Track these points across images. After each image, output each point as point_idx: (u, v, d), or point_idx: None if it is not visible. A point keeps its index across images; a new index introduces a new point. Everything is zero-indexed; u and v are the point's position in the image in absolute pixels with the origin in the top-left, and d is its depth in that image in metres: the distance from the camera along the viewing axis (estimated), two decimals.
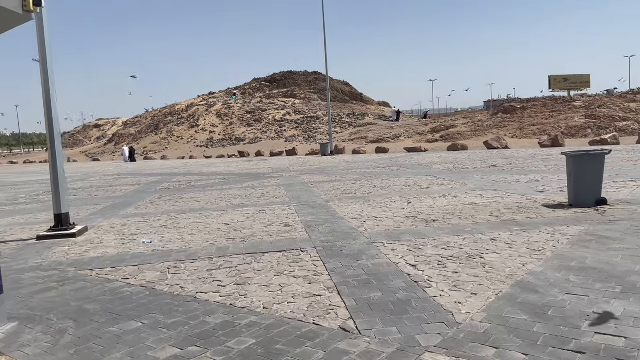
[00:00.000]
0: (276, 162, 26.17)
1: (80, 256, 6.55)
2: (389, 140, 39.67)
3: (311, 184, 14.04)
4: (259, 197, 11.62)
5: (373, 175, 15.37)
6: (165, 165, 30.39)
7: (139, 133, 65.25)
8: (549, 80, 66.33)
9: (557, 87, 64.93)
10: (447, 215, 7.85)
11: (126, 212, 10.63)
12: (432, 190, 11.09)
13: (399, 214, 8.23)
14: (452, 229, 6.80)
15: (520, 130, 36.22)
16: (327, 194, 11.60)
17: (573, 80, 67.34)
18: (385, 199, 10.17)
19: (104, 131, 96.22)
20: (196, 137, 53.65)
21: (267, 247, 6.35)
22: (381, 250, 5.84)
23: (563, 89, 64.74)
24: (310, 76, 75.87)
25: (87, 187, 17.56)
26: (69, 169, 33.80)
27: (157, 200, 12.26)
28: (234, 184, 15.25)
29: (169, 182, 17.67)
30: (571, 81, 67.51)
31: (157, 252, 6.48)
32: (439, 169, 16.48)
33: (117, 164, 37.40)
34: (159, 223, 8.84)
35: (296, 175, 16.99)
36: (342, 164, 21.77)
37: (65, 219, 8.12)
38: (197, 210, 10.18)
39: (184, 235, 7.51)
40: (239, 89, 73.90)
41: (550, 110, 39.70)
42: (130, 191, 15.11)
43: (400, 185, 12.40)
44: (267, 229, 7.65)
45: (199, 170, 22.86)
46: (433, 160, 20.20)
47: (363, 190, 11.86)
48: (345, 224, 7.60)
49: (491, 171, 14.57)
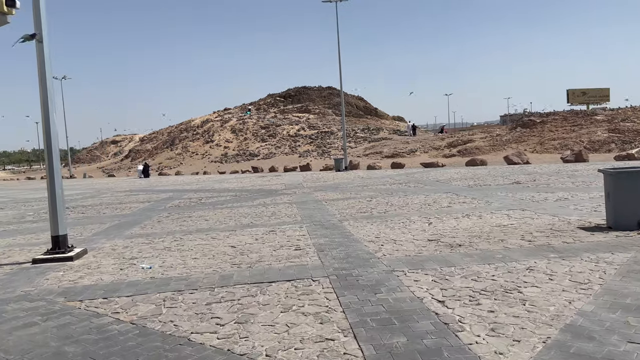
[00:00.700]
0: (289, 177, 25.65)
1: (73, 283, 6.01)
2: (404, 155, 38.97)
3: (325, 201, 13.44)
4: (270, 216, 11.04)
5: (389, 192, 14.71)
6: (178, 181, 30.07)
7: (155, 149, 65.50)
8: (567, 94, 65.19)
9: (576, 101, 63.79)
10: (474, 239, 7.16)
11: (131, 232, 10.12)
12: (454, 209, 10.40)
13: (420, 237, 7.56)
14: (480, 256, 6.12)
15: (541, 145, 35.29)
16: (342, 212, 10.98)
17: (592, 94, 66.16)
18: (404, 218, 9.51)
19: (121, 147, 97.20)
20: (211, 152, 53.55)
21: (275, 275, 5.74)
22: (402, 280, 5.19)
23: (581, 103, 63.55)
24: (325, 91, 75.71)
25: (97, 204, 17.18)
26: (82, 184, 33.73)
27: (165, 219, 11.75)
28: (245, 202, 14.71)
29: (179, 199, 17.21)
30: (590, 95, 66.35)
31: (155, 280, 5.91)
32: (458, 185, 15.75)
33: (131, 179, 37.26)
34: (162, 245, 8.29)
35: (309, 192, 16.41)
36: (357, 179, 21.15)
37: (63, 241, 7.62)
38: (204, 230, 9.63)
39: (187, 260, 6.94)
40: (254, 105, 73.99)
41: (571, 124, 38.70)
42: (139, 209, 14.66)
43: (418, 203, 11.73)
44: (276, 252, 7.05)
45: (211, 187, 22.42)
46: (452, 176, 19.46)
47: (379, 208, 11.21)
48: (361, 248, 6.96)
49: (515, 188, 13.81)
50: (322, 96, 73.88)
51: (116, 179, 42.16)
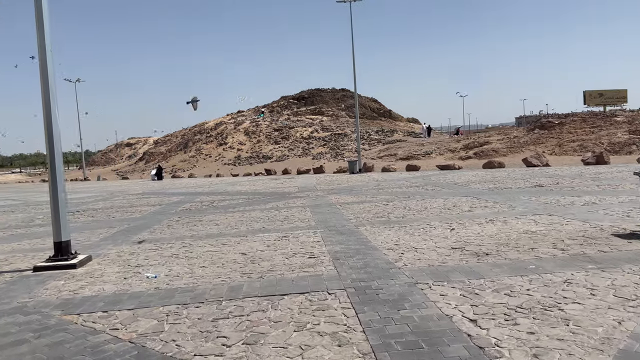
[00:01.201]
0: (303, 180, 25.24)
1: (72, 294, 5.65)
2: (419, 157, 38.36)
3: (339, 205, 12.99)
4: (283, 220, 10.62)
5: (406, 196, 14.21)
6: (191, 183, 29.84)
7: (169, 151, 65.66)
8: (584, 96, 64.01)
9: (592, 102, 62.60)
10: (501, 247, 6.66)
11: (139, 237, 9.77)
12: (476, 213, 9.88)
13: (443, 244, 7.08)
14: (511, 266, 5.62)
15: (559, 147, 34.47)
16: (357, 217, 10.52)
17: (609, 96, 64.91)
18: (423, 223, 9.02)
19: (135, 150, 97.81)
20: (224, 155, 53.42)
21: (288, 287, 5.30)
22: (427, 295, 4.72)
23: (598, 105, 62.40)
24: (338, 93, 75.30)
25: (108, 207, 16.94)
26: (96, 187, 33.69)
27: (175, 224, 11.40)
28: (257, 205, 14.32)
29: (191, 202, 16.90)
30: (607, 96, 65.11)
31: (160, 291, 5.52)
32: (478, 188, 15.19)
33: (144, 182, 37.17)
34: (170, 251, 7.92)
35: (323, 195, 15.98)
36: (372, 182, 20.66)
37: (66, 248, 7.28)
38: (214, 235, 9.24)
39: (194, 268, 6.55)
40: (267, 107, 73.84)
41: (590, 125, 37.80)
42: (149, 212, 14.36)
43: (438, 207, 11.22)
44: (289, 261, 6.62)
45: (224, 189, 22.11)
46: (470, 179, 18.88)
47: (397, 213, 10.73)
48: (379, 256, 6.50)
49: (538, 191, 13.23)
50: (336, 98, 73.49)
51: (129, 181, 42.16)
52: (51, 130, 7.18)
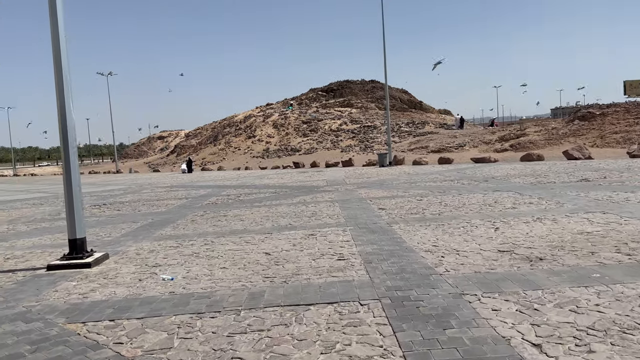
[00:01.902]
0: (331, 173, 24.63)
1: (82, 298, 5.20)
2: (452, 149, 37.20)
3: (370, 200, 12.33)
4: (310, 217, 10.05)
5: (441, 190, 13.43)
6: (220, 176, 29.63)
7: (199, 144, 66.04)
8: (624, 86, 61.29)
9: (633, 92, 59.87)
10: (555, 250, 5.90)
11: (161, 232, 9.37)
12: (521, 211, 9.07)
13: (487, 246, 6.36)
14: (571, 274, 4.88)
15: (601, 139, 32.82)
16: (389, 213, 9.85)
17: None
18: (463, 221, 8.29)
19: (167, 143, 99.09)
20: (252, 147, 53.26)
21: (314, 295, 4.72)
22: (477, 309, 4.06)
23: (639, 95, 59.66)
24: (368, 85, 74.15)
25: (135, 200, 16.73)
26: (127, 179, 33.91)
27: (199, 219, 10.97)
28: (284, 199, 13.80)
29: (217, 195, 16.53)
30: None
31: (175, 296, 5.02)
32: (518, 182, 14.27)
33: (174, 175, 37.28)
34: (190, 249, 7.44)
35: (353, 189, 15.33)
36: (403, 176, 19.88)
37: (81, 246, 6.88)
38: (238, 232, 8.74)
39: (214, 270, 6.03)
40: (296, 99, 73.35)
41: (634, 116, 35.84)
42: (175, 206, 14.02)
43: (477, 203, 10.44)
44: (316, 263, 6.03)
45: (251, 182, 21.71)
46: (508, 173, 17.89)
47: (432, 209, 10.01)
48: (417, 260, 5.84)
49: (585, 186, 12.25)
50: (365, 90, 72.38)
51: (160, 174, 42.43)
52: (65, 121, 6.76)
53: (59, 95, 6.76)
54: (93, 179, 38.35)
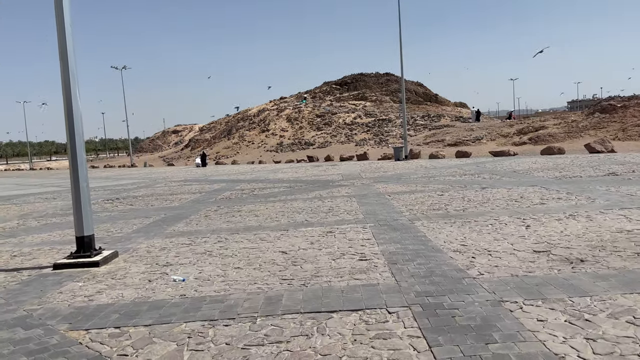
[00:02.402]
0: (346, 167, 24.19)
1: (87, 301, 4.88)
2: (469, 143, 36.48)
3: (388, 194, 11.89)
4: (327, 212, 9.65)
5: (462, 185, 12.93)
6: (233, 170, 29.37)
7: (213, 138, 65.96)
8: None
9: None
10: (596, 251, 5.43)
11: (173, 229, 9.05)
12: (550, 207, 8.57)
13: (521, 245, 5.90)
14: (620, 279, 4.42)
15: (623, 132, 31.88)
16: (410, 209, 9.41)
17: None
18: (490, 218, 7.82)
19: (182, 137, 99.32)
20: (266, 141, 52.97)
21: (336, 301, 4.32)
22: (520, 319, 3.63)
23: None
24: (382, 78, 73.30)
25: (149, 194, 16.49)
26: (141, 173, 33.84)
27: (212, 214, 10.65)
28: (299, 194, 13.42)
29: (231, 190, 16.21)
30: None
31: (186, 300, 4.67)
32: (542, 177, 13.70)
33: (188, 169, 37.14)
34: (203, 247, 7.10)
35: (369, 184, 14.90)
36: (420, 170, 19.38)
37: (89, 244, 6.57)
38: (253, 229, 8.38)
39: (228, 270, 5.67)
40: (309, 93, 72.84)
41: None
42: (189, 201, 13.73)
43: (502, 198, 9.94)
44: (337, 263, 5.64)
45: (265, 177, 21.37)
46: (530, 166, 17.30)
47: (455, 205, 9.54)
48: (445, 261, 5.41)
49: (614, 181, 11.67)
50: (380, 83, 71.57)
51: (174, 168, 42.36)
52: (72, 114, 6.44)
53: (65, 88, 6.43)
54: (108, 173, 38.40)
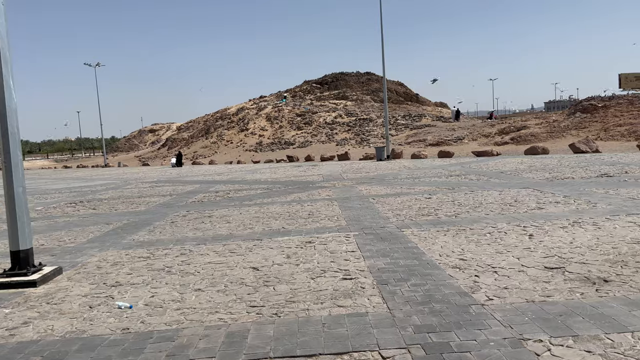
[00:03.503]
0: (327, 167, 23.36)
1: (7, 336, 3.93)
2: (450, 143, 36.07)
3: (372, 198, 11.08)
4: (306, 218, 8.79)
5: (449, 187, 12.21)
6: (210, 170, 28.29)
7: (191, 137, 64.47)
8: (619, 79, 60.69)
9: (629, 85, 59.20)
10: (618, 267, 4.68)
11: (133, 238, 8.08)
12: (550, 212, 7.85)
13: (529, 260, 5.12)
14: None
15: (605, 132, 31.81)
16: (397, 214, 8.61)
17: None
18: (487, 225, 7.06)
19: (159, 136, 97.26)
20: (245, 141, 51.85)
21: (316, 339, 3.46)
22: None
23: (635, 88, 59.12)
24: (363, 77, 72.73)
25: (116, 197, 15.39)
26: (113, 174, 32.46)
27: (180, 220, 9.69)
28: (277, 197, 12.52)
29: (205, 192, 15.22)
30: None
31: (128, 336, 3.75)
32: (532, 178, 13.07)
33: (163, 169, 35.88)
34: (162, 262, 6.17)
35: (352, 185, 14.08)
36: (404, 170, 18.66)
37: (25, 259, 5.58)
38: (223, 238, 7.47)
39: (186, 293, 4.77)
40: (289, 92, 71.86)
41: (638, 109, 34.87)
42: (157, 204, 12.71)
43: (495, 202, 9.21)
44: (316, 283, 4.78)
45: (242, 178, 20.40)
46: (517, 167, 16.71)
47: (446, 209, 8.77)
48: (445, 281, 4.59)
49: (609, 182, 11.07)
50: (360, 82, 70.98)
51: (149, 168, 40.97)
52: (3, 103, 5.44)
53: None
54: (79, 174, 36.88)
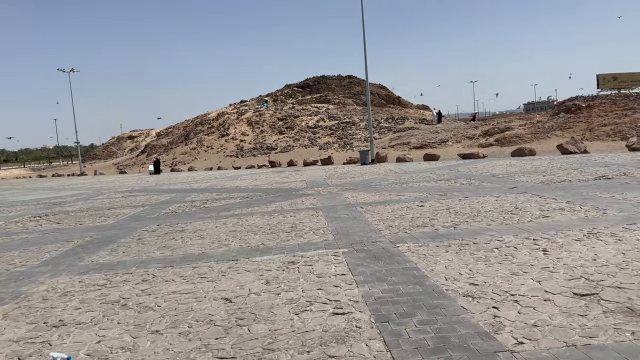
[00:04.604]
0: (311, 173, 22.50)
1: None
2: (435, 145, 35.56)
3: (360, 206, 10.26)
4: (289, 232, 7.92)
5: (441, 192, 11.45)
6: (189, 178, 27.20)
7: (170, 144, 63.02)
8: (597, 80, 61.56)
9: (606, 86, 60.04)
10: None
11: (92, 259, 7.11)
12: (557, 221, 7.11)
13: (552, 283, 4.33)
14: None
15: (590, 132, 31.62)
16: (389, 225, 7.80)
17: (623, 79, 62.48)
18: (492, 239, 6.27)
19: (137, 142, 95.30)
20: (226, 146, 50.73)
21: None
22: None
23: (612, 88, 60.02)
24: (345, 80, 72.15)
25: (84, 209, 14.31)
26: (87, 183, 31.03)
27: (149, 236, 8.73)
28: (257, 206, 11.62)
29: (181, 202, 14.24)
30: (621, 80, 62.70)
31: None
32: (526, 182, 12.39)
33: (140, 176, 34.63)
34: (119, 292, 5.23)
35: (337, 192, 13.25)
36: (390, 175, 17.90)
37: None
38: (193, 259, 6.55)
39: (140, 338, 3.85)
40: (271, 96, 70.91)
41: (622, 108, 34.82)
42: (127, 217, 11.70)
43: (494, 210, 8.46)
44: (301, 321, 3.91)
45: (222, 185, 19.41)
46: (507, 170, 16.07)
47: (442, 219, 7.98)
48: (458, 315, 3.77)
49: (610, 185, 10.43)
50: (342, 85, 70.38)
51: (125, 176, 39.62)
52: None
53: None
54: (52, 183, 35.37)
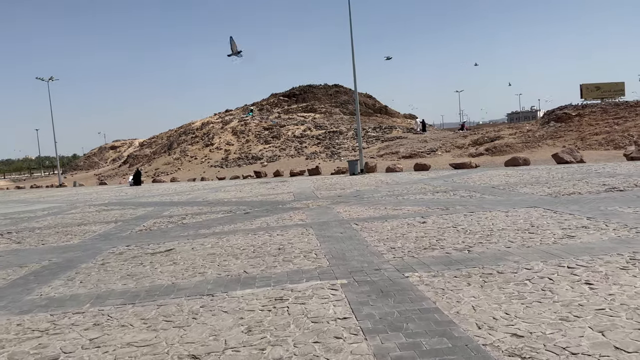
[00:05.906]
0: (298, 184, 21.44)
1: None
2: (424, 155, 34.81)
3: (355, 222, 9.24)
4: (276, 255, 6.86)
5: (442, 207, 10.49)
6: (170, 189, 25.94)
7: (153, 154, 61.51)
8: (581, 89, 62.08)
9: (590, 96, 60.54)
10: None
11: (42, 291, 5.96)
12: (587, 243, 6.16)
13: (619, 334, 3.34)
14: None
15: (582, 141, 31.14)
16: (391, 246, 6.78)
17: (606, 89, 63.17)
18: (519, 267, 5.28)
19: (120, 152, 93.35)
20: (210, 156, 49.47)
21: None
22: None
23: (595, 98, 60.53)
24: (331, 89, 71.50)
25: (52, 225, 13.08)
26: (62, 195, 29.45)
27: (114, 260, 7.59)
28: (240, 222, 10.53)
29: (157, 217, 13.07)
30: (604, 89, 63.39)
31: None
32: (532, 194, 11.50)
33: (120, 188, 33.20)
34: (61, 342, 4.12)
35: (327, 206, 12.22)
36: (383, 186, 16.93)
37: None
38: (160, 292, 5.45)
39: None
40: (256, 105, 69.89)
41: (612, 117, 34.53)
42: (95, 235, 10.53)
43: (508, 227, 7.49)
44: None
45: (204, 197, 18.25)
46: (506, 180, 15.21)
47: (451, 239, 6.99)
48: None
49: (627, 199, 9.57)
50: (329, 94, 69.69)
51: (105, 187, 38.10)
52: None
53: None
54: (28, 195, 33.76)
